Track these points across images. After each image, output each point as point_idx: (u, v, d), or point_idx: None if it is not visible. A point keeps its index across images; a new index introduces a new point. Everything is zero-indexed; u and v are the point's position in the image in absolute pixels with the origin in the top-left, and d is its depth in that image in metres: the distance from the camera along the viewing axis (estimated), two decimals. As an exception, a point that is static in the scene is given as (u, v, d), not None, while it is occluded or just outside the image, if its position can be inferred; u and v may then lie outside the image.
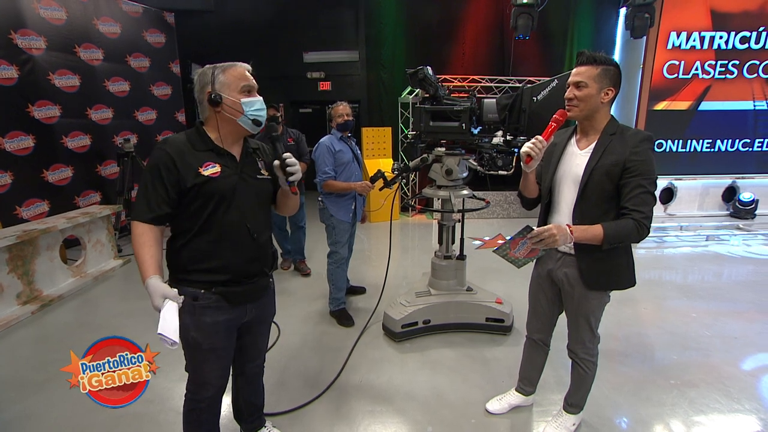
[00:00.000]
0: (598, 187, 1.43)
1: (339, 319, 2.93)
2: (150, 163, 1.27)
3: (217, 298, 1.33)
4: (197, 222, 1.28)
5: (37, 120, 4.20)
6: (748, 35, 5.64)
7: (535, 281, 1.77)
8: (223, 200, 1.29)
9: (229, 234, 1.31)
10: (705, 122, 5.93)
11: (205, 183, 1.26)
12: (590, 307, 1.57)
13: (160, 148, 1.26)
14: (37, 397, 2.14)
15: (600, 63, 1.40)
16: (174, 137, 1.31)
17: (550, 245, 1.34)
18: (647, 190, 1.37)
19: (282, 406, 2.03)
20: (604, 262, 1.49)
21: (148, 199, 1.25)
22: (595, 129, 1.48)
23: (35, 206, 4.24)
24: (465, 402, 2.09)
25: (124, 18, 5.11)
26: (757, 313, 3.07)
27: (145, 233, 1.25)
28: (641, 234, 1.36)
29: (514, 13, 4.95)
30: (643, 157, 1.38)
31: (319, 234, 5.10)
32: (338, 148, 2.78)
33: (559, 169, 1.55)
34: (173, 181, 1.24)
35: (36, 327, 2.97)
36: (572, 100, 1.45)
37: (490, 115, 2.28)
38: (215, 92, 1.28)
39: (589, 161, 1.45)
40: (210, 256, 1.30)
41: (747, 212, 5.85)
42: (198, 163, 1.27)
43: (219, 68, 1.31)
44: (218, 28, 6.89)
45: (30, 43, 4.10)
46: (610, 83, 1.41)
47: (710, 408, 2.04)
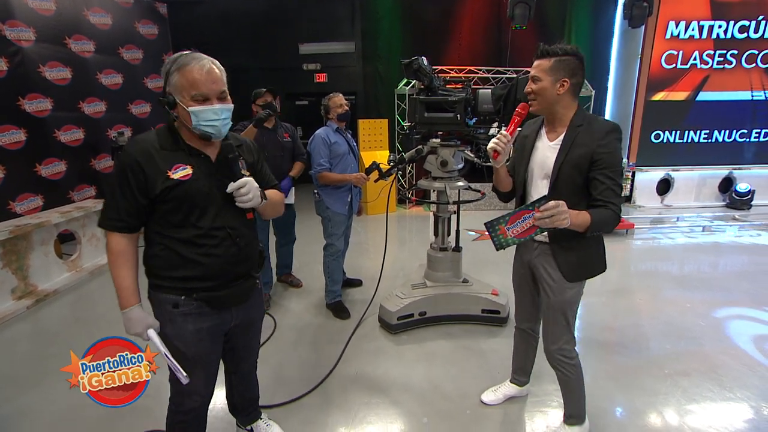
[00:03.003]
0: (568, 180, 1.44)
1: (335, 312, 2.94)
2: (116, 166, 1.19)
3: (199, 304, 1.25)
4: (170, 227, 1.21)
5: (28, 113, 4.14)
6: (747, 24, 5.60)
7: (517, 271, 1.77)
8: (196, 204, 1.20)
9: (207, 239, 1.22)
10: (703, 113, 5.92)
11: (175, 186, 1.17)
12: (566, 298, 1.55)
13: (126, 151, 1.18)
14: (33, 393, 2.14)
15: (552, 55, 1.40)
16: (142, 137, 1.22)
17: (556, 224, 1.26)
18: (616, 182, 1.39)
19: (278, 399, 2.04)
20: (579, 251, 1.50)
21: (117, 206, 1.17)
22: (561, 121, 1.48)
23: (29, 201, 4.20)
24: (461, 393, 2.10)
25: (115, 8, 5.03)
26: (751, 303, 3.09)
27: (121, 249, 1.18)
28: (615, 224, 1.40)
29: (511, 3, 4.89)
30: (610, 149, 1.39)
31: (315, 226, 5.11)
32: (334, 140, 2.76)
33: (531, 161, 1.55)
34: (141, 186, 1.15)
35: (31, 322, 2.96)
36: (530, 94, 1.46)
37: (485, 105, 2.26)
38: (166, 93, 1.17)
39: (558, 155, 1.45)
40: (188, 263, 1.22)
41: (743, 203, 5.87)
42: (167, 165, 1.17)
43: (176, 64, 1.16)
44: (212, 18, 6.78)
45: (19, 34, 4.03)
46: (565, 74, 1.40)
47: (703, 397, 2.06)
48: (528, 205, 1.30)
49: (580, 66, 1.42)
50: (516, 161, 1.62)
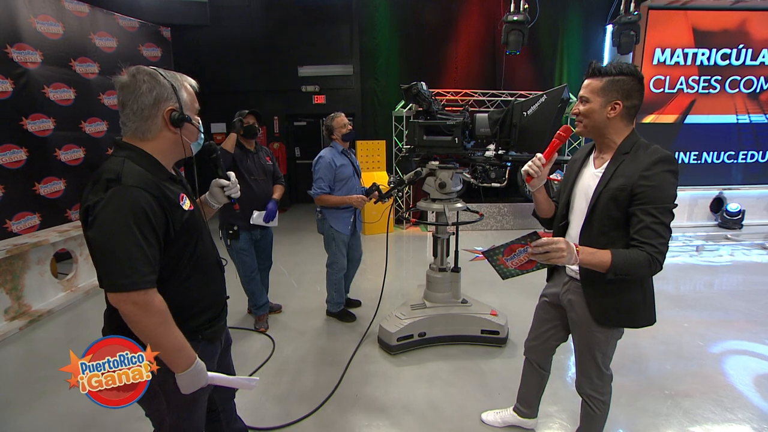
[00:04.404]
0: (604, 212, 1.30)
1: (340, 317, 3.02)
2: (129, 211, 0.95)
3: (204, 344, 1.16)
4: (180, 264, 1.10)
5: (30, 133, 4.18)
6: (729, 52, 5.85)
7: (541, 302, 1.66)
8: (201, 234, 1.15)
9: (204, 268, 1.17)
10: (691, 135, 6.10)
11: (189, 218, 1.10)
12: (596, 341, 1.42)
13: (135, 188, 0.97)
14: (23, 418, 2.08)
15: (605, 75, 1.29)
16: (132, 171, 1.00)
17: (553, 261, 1.18)
18: (659, 221, 1.20)
19: (277, 421, 2.00)
20: (614, 297, 1.35)
21: (146, 256, 0.97)
22: (609, 146, 1.35)
23: (26, 219, 4.18)
24: (461, 414, 2.07)
25: (120, 32, 5.16)
26: (747, 323, 3.11)
27: (164, 306, 1.01)
28: (653, 269, 1.21)
29: (505, 30, 5.09)
30: (655, 182, 1.21)
31: (312, 246, 5.12)
32: (340, 163, 2.80)
33: (576, 188, 1.44)
34: (161, 227, 1.02)
35: (23, 343, 2.91)
36: (578, 115, 1.35)
37: (482, 129, 2.33)
38: (182, 112, 1.08)
39: (599, 183, 1.33)
40: (195, 300, 1.15)
41: (734, 222, 5.97)
42: (175, 196, 1.07)
43: (178, 81, 1.10)
44: (214, 42, 6.97)
45: (26, 57, 4.11)
46: (618, 96, 1.28)
47: (704, 418, 2.05)
48: (520, 239, 1.25)
49: (637, 87, 1.28)
50: (562, 186, 1.52)
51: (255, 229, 2.81)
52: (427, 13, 6.33)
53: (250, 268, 2.85)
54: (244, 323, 3.09)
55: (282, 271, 4.21)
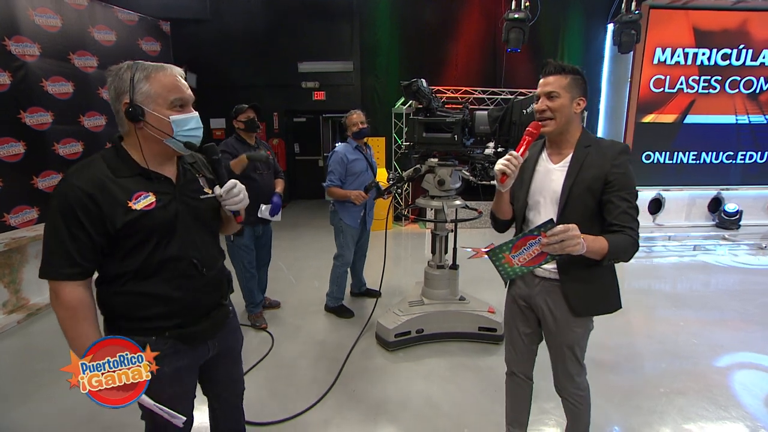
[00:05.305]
0: (580, 204, 1.33)
1: (338, 313, 3.07)
2: (58, 204, 0.99)
3: (174, 342, 1.12)
4: (133, 264, 1.05)
5: (28, 126, 4.16)
6: (729, 52, 5.84)
7: (509, 309, 1.60)
8: (164, 235, 1.07)
9: (173, 272, 1.10)
10: (690, 135, 6.10)
11: (140, 218, 1.03)
12: (575, 336, 1.44)
13: (70, 184, 0.99)
14: (21, 410, 2.09)
15: (569, 72, 1.33)
16: (86, 165, 1.03)
17: (568, 250, 1.14)
18: (633, 205, 1.29)
19: (274, 416, 2.01)
20: (591, 284, 1.39)
21: (66, 250, 0.98)
22: (569, 142, 1.38)
23: (24, 213, 4.17)
24: (458, 411, 2.09)
25: (119, 26, 5.13)
26: (742, 322, 3.13)
27: (78, 300, 1.00)
28: (634, 251, 1.28)
29: (506, 27, 5.07)
30: (623, 170, 1.30)
31: (315, 242, 5.13)
32: (352, 158, 2.89)
33: (533, 186, 1.44)
34: (96, 223, 0.99)
35: (22, 337, 2.91)
36: (545, 111, 1.34)
37: (481, 127, 2.33)
38: (134, 104, 1.01)
39: (567, 177, 1.34)
40: (156, 301, 1.09)
41: (732, 223, 5.98)
42: (125, 194, 1.02)
43: (141, 71, 1.03)
44: (214, 37, 6.92)
45: (24, 49, 4.09)
46: (581, 93, 1.34)
47: (699, 416, 2.07)
48: (533, 230, 1.19)
49: (587, 88, 1.37)
50: (515, 188, 1.48)
51: (258, 225, 2.83)
52: (428, 10, 6.31)
53: (251, 265, 2.87)
54: (241, 320, 3.08)
55: (280, 267, 4.21)
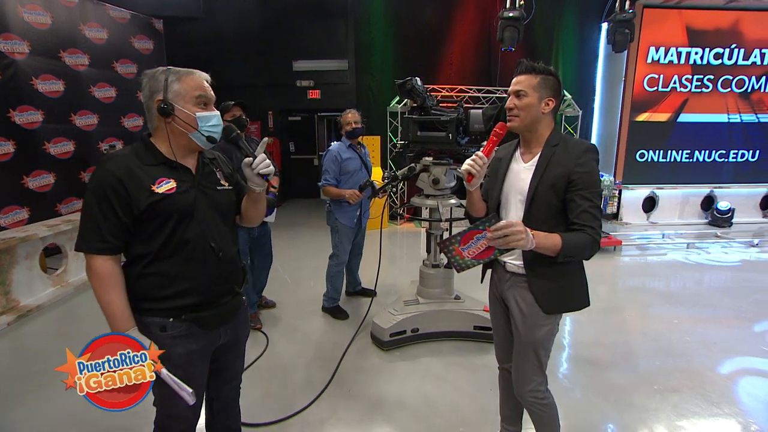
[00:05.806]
0: (544, 201, 1.35)
1: (333, 314, 3.06)
2: (93, 186, 1.13)
3: (188, 325, 1.21)
4: (155, 245, 1.16)
5: (18, 125, 4.10)
6: (721, 51, 5.89)
7: (491, 304, 1.64)
8: (183, 218, 1.18)
9: (191, 254, 1.20)
10: (684, 133, 6.14)
11: (161, 201, 1.14)
12: (540, 335, 1.42)
13: (104, 168, 1.13)
14: (13, 413, 2.06)
15: (539, 72, 1.35)
16: (117, 153, 1.19)
17: (512, 244, 1.17)
18: (595, 204, 1.29)
19: (269, 417, 2.00)
20: (559, 281, 1.39)
21: (99, 227, 1.11)
22: (538, 141, 1.40)
23: (14, 213, 4.12)
24: (454, 409, 2.09)
25: (111, 24, 5.07)
26: (735, 319, 3.16)
27: (107, 272, 1.12)
28: (593, 250, 1.28)
29: (501, 26, 5.07)
30: (587, 169, 1.30)
31: (312, 242, 5.11)
32: (345, 157, 2.89)
33: (506, 184, 1.47)
34: (124, 204, 1.11)
35: (12, 339, 2.87)
36: (512, 109, 1.37)
37: (476, 125, 2.33)
38: (167, 101, 1.16)
39: (534, 175, 1.37)
40: (174, 281, 1.19)
41: (724, 221, 6.04)
42: (149, 179, 1.15)
43: (174, 74, 1.20)
44: (207, 35, 6.86)
45: (13, 47, 4.02)
46: (550, 93, 1.35)
47: (692, 413, 2.08)
48: (478, 224, 1.20)
49: (559, 89, 1.38)
50: (489, 185, 1.53)
51: (252, 227, 2.78)
52: (423, 9, 6.30)
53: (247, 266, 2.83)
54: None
55: (276, 267, 4.18)
